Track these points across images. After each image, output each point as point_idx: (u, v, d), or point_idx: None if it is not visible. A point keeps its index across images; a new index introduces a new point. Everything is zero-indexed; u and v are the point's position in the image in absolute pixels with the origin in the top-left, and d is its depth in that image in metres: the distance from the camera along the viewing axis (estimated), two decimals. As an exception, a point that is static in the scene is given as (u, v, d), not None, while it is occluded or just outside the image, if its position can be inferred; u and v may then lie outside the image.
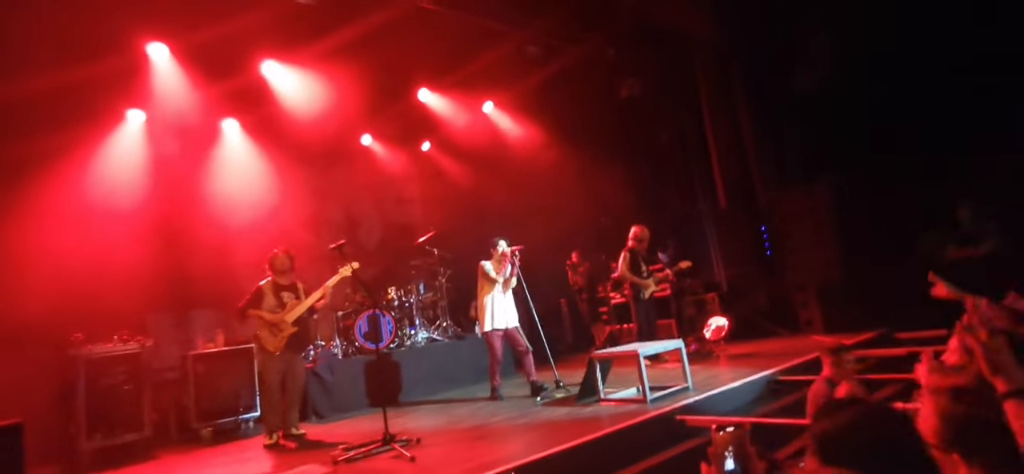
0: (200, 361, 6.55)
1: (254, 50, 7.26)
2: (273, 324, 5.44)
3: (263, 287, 5.58)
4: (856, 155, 7.69)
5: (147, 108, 7.33)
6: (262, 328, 5.47)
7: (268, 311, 5.48)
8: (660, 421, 4.50)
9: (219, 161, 8.12)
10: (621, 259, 7.29)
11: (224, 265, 7.65)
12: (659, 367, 6.31)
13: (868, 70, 7.36)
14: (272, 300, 5.53)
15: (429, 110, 9.07)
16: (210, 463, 5.40)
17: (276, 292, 5.58)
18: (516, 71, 8.46)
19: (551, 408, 5.54)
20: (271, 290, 5.57)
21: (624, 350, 5.48)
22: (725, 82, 8.73)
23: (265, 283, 5.61)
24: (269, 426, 5.52)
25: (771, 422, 4.06)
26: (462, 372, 7.52)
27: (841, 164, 7.87)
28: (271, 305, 5.51)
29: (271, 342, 5.43)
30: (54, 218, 6.54)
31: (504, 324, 6.27)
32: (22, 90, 5.71)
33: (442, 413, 6.14)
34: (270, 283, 5.61)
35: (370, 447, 4.59)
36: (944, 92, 6.72)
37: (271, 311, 5.48)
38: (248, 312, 5.50)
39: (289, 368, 5.55)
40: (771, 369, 5.61)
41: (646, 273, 7.27)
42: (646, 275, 7.26)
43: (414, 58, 7.88)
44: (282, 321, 5.46)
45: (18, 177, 6.19)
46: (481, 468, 3.69)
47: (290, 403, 5.61)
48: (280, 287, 5.62)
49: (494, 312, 6.24)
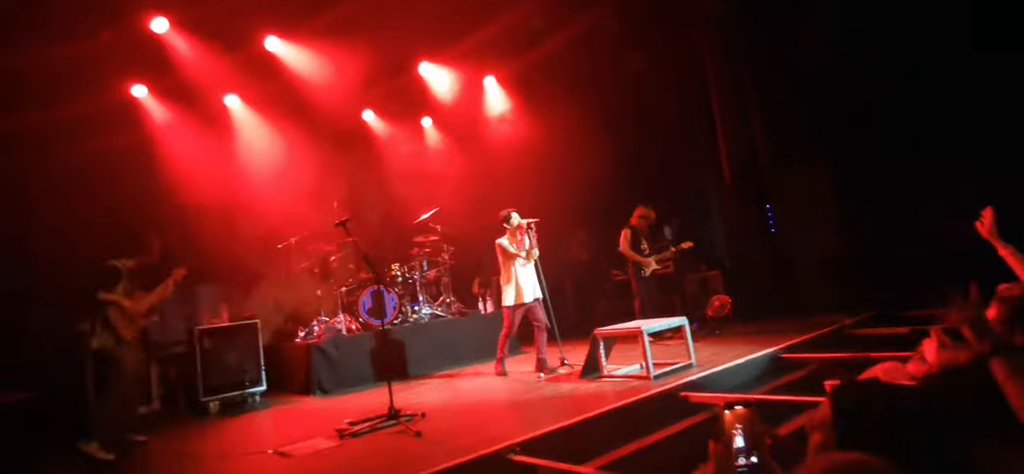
0: (206, 336, 6.60)
1: (256, 23, 7.21)
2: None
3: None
4: (860, 132, 7.63)
5: (149, 81, 7.28)
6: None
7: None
8: (663, 398, 4.53)
9: (223, 136, 8.08)
10: (622, 236, 7.27)
11: (228, 240, 7.68)
12: (663, 344, 6.34)
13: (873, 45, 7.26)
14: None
15: (431, 85, 9.00)
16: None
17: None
18: (520, 45, 8.35)
19: (555, 384, 5.58)
20: None
21: (627, 327, 5.50)
22: (732, 57, 8.61)
23: None
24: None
25: (776, 399, 4.08)
26: (466, 348, 7.56)
27: (846, 141, 7.80)
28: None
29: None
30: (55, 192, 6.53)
31: (531, 297, 6.15)
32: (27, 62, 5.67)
33: (446, 388, 6.19)
34: None
35: (375, 422, 4.64)
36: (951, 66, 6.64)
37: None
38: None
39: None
40: (775, 346, 5.63)
41: (647, 251, 7.27)
42: (647, 253, 7.25)
43: (416, 31, 7.79)
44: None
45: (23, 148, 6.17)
46: (485, 442, 3.72)
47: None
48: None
49: (519, 286, 6.12)
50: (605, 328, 5.62)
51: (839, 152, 7.94)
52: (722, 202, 9.06)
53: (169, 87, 7.30)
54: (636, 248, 7.22)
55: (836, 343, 5.95)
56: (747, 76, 8.60)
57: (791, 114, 8.25)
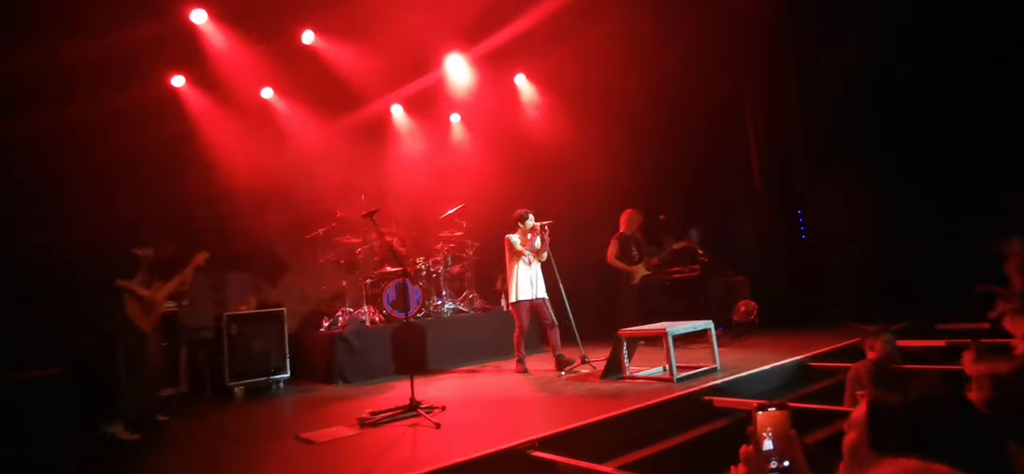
0: (234, 322, 6.73)
1: (290, 16, 7.32)
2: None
3: None
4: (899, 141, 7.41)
5: (187, 72, 7.46)
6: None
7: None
8: (686, 400, 4.46)
9: (256, 127, 8.21)
10: (610, 246, 7.19)
11: (258, 230, 7.82)
12: (687, 347, 6.24)
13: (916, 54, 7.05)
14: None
15: (459, 80, 9.03)
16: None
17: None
18: (551, 41, 8.31)
19: (575, 383, 5.54)
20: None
21: (652, 328, 5.43)
22: (767, 59, 8.43)
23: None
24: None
25: (803, 406, 3.98)
26: (487, 344, 7.57)
27: (883, 149, 7.59)
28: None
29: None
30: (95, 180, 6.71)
31: (531, 295, 6.26)
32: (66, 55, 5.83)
33: (467, 383, 6.20)
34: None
35: (396, 412, 4.66)
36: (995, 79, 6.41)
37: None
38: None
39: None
40: (802, 354, 5.50)
41: (637, 258, 7.20)
42: (637, 259, 7.19)
43: (446, 25, 7.82)
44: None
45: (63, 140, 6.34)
46: (504, 438, 3.71)
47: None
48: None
49: (520, 283, 6.26)
50: (628, 328, 5.56)
51: (875, 160, 7.73)
52: (752, 207, 8.89)
53: (204, 78, 7.45)
54: (626, 256, 7.16)
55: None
56: (783, 79, 8.41)
57: (828, 120, 8.05)
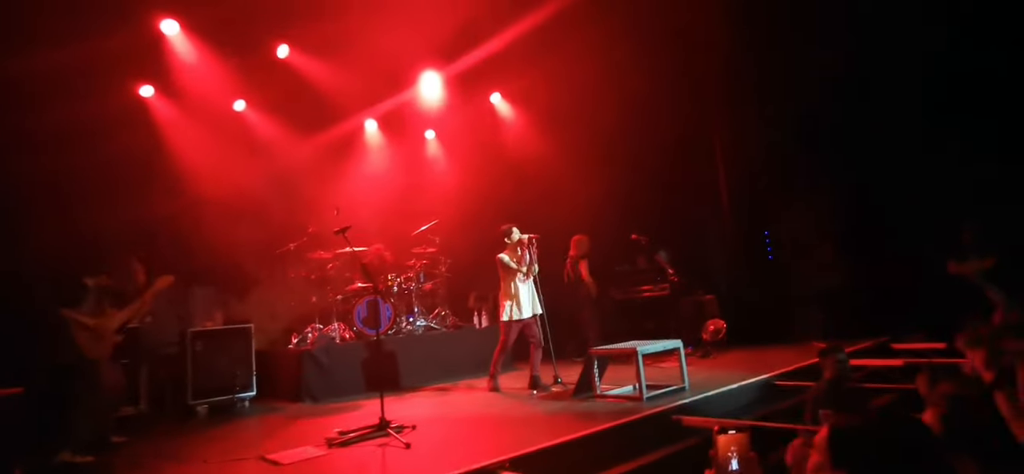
0: (199, 338, 6.56)
1: (264, 30, 7.28)
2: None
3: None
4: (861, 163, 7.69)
5: (156, 83, 7.32)
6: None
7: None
8: (655, 420, 4.50)
9: (226, 140, 8.08)
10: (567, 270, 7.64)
11: (225, 244, 7.65)
12: (656, 365, 6.31)
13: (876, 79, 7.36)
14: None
15: (434, 98, 9.07)
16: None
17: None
18: (525, 62, 8.42)
19: (547, 402, 5.55)
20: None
21: (622, 347, 5.48)
22: (733, 83, 8.68)
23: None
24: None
25: (768, 425, 4.06)
26: (459, 362, 7.51)
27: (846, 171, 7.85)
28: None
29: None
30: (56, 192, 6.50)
31: (529, 313, 6.17)
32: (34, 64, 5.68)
33: (438, 401, 6.15)
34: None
35: (365, 431, 4.59)
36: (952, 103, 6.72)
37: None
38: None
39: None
40: (769, 372, 5.61)
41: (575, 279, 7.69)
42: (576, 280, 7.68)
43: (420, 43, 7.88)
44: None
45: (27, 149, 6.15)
46: (475, 457, 3.69)
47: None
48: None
49: (519, 302, 6.11)
50: (600, 347, 5.60)
51: (839, 182, 7.99)
52: (720, 227, 9.08)
53: (173, 90, 7.32)
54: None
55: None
56: (748, 102, 8.65)
57: (792, 142, 8.30)
